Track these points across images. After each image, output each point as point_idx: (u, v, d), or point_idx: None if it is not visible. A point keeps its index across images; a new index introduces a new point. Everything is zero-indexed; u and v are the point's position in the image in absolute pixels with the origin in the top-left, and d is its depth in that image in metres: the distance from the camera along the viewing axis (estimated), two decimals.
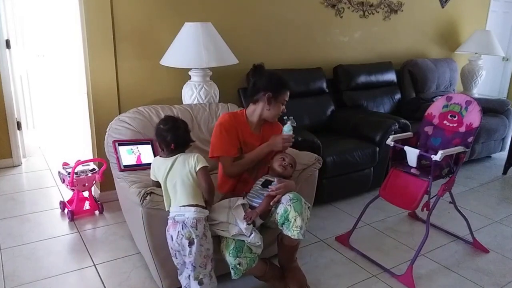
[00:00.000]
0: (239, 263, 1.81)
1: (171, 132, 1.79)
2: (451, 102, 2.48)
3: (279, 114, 2.12)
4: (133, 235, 2.41)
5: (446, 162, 2.36)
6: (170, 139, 1.79)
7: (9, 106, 3.58)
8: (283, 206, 1.89)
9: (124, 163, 2.19)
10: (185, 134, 1.84)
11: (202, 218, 1.76)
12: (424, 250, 2.45)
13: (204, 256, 1.77)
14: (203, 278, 1.79)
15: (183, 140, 1.84)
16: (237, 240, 1.83)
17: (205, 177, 1.80)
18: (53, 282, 2.13)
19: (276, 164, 2.02)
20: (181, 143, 1.83)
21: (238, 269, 1.81)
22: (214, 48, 2.66)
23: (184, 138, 1.84)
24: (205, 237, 1.76)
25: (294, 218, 1.85)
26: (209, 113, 2.65)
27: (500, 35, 5.32)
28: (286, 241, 1.99)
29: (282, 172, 2.01)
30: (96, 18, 2.70)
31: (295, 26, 3.62)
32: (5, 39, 3.48)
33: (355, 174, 3.19)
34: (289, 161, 2.04)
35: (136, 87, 2.97)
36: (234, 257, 1.80)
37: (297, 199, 1.90)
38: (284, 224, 1.89)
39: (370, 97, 3.93)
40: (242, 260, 1.81)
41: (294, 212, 1.86)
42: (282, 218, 1.89)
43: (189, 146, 1.87)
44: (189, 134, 1.87)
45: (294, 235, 1.86)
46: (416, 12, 4.44)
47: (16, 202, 3.03)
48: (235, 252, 1.80)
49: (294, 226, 1.86)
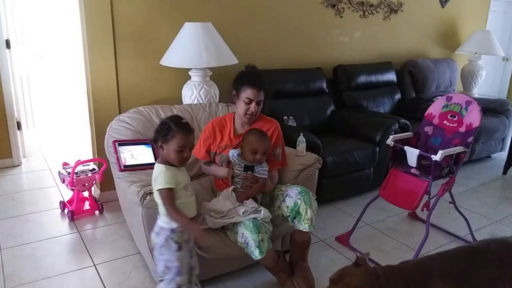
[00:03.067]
0: (262, 239, 1.83)
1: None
2: (451, 102, 2.49)
3: (246, 113, 2.09)
4: (133, 235, 2.41)
5: (446, 162, 2.36)
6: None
7: (9, 106, 3.58)
8: (293, 200, 1.92)
9: (124, 163, 2.19)
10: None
11: (166, 229, 1.69)
12: (424, 250, 2.45)
13: (164, 266, 1.72)
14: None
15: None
16: (253, 219, 1.86)
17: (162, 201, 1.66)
18: (53, 282, 2.13)
19: (248, 156, 1.99)
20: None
21: (262, 246, 1.83)
22: (214, 48, 2.66)
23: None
24: (164, 248, 1.70)
25: (305, 210, 1.90)
26: (209, 113, 2.65)
27: (500, 35, 5.32)
28: (297, 237, 2.01)
29: (254, 162, 2.00)
30: (96, 18, 2.70)
31: (295, 26, 3.62)
32: (5, 39, 3.48)
33: (355, 174, 3.19)
34: (260, 154, 1.98)
35: (136, 87, 2.97)
36: (257, 234, 1.82)
37: (305, 192, 1.94)
38: (295, 218, 1.93)
39: (370, 97, 3.93)
40: (264, 235, 1.84)
41: (304, 204, 1.90)
42: (293, 212, 1.92)
43: (158, 149, 1.72)
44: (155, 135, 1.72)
45: (306, 228, 1.90)
46: (416, 12, 4.44)
47: (16, 202, 3.03)
48: (256, 229, 1.83)
49: (306, 219, 1.90)
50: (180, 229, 1.67)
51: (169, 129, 1.64)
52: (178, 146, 1.63)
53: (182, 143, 1.63)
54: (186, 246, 1.71)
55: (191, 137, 1.68)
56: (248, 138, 1.98)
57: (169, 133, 1.64)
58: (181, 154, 1.65)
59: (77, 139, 4.15)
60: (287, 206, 1.95)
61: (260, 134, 2.00)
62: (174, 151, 1.64)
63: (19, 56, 3.73)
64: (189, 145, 1.68)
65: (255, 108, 2.07)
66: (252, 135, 1.99)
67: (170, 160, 1.67)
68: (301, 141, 2.45)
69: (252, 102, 2.06)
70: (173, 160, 1.66)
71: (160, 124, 1.71)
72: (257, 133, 2.00)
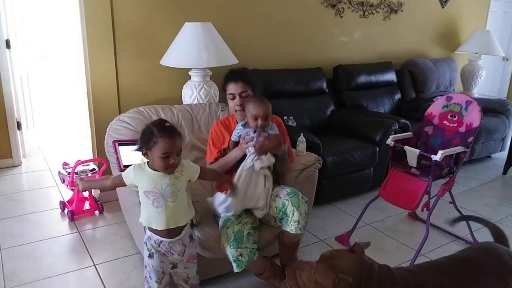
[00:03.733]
0: (240, 254, 1.81)
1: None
2: (451, 102, 2.48)
3: (235, 109, 2.09)
4: (133, 235, 2.41)
5: (446, 162, 2.36)
6: None
7: (9, 106, 3.58)
8: (281, 201, 1.90)
9: (124, 163, 2.19)
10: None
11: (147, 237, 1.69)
12: (424, 250, 2.45)
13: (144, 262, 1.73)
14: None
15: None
16: (236, 232, 1.83)
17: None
18: (53, 282, 2.13)
19: (252, 123, 1.95)
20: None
21: (240, 261, 1.81)
22: (214, 48, 2.66)
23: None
24: (144, 245, 1.71)
25: (292, 212, 1.86)
26: (209, 113, 2.65)
27: (500, 35, 5.32)
28: (286, 238, 1.99)
29: (258, 128, 1.95)
30: (96, 18, 2.70)
31: (295, 26, 3.62)
32: (5, 39, 3.48)
33: (355, 174, 3.19)
34: (262, 118, 1.92)
35: (136, 87, 2.97)
36: (235, 249, 1.80)
37: (294, 193, 1.91)
38: (282, 219, 1.90)
39: (370, 97, 3.93)
40: (243, 251, 1.81)
41: (291, 206, 1.87)
42: (280, 212, 1.90)
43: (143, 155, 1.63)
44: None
45: (292, 229, 1.87)
46: (416, 12, 4.44)
47: (16, 202, 3.03)
48: (236, 243, 1.81)
49: (292, 221, 1.86)
50: (155, 240, 1.64)
51: (151, 134, 1.52)
52: (162, 153, 1.50)
53: (166, 148, 1.50)
54: (161, 257, 1.67)
55: (176, 141, 1.54)
56: (248, 106, 1.96)
57: (152, 139, 1.51)
58: (167, 161, 1.52)
59: (77, 139, 4.15)
60: (276, 206, 1.93)
61: (258, 99, 1.96)
62: (158, 158, 1.51)
63: (19, 56, 3.72)
64: (175, 151, 1.54)
65: (240, 101, 2.06)
66: (250, 102, 1.96)
67: (156, 168, 1.55)
68: (301, 141, 2.46)
69: (235, 96, 2.08)
70: (159, 168, 1.54)
71: (142, 130, 1.60)
72: (254, 99, 1.97)
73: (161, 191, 1.57)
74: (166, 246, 1.65)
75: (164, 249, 1.66)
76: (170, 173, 1.57)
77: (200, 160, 2.49)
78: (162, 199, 1.58)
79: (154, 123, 1.59)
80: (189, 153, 2.47)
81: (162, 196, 1.57)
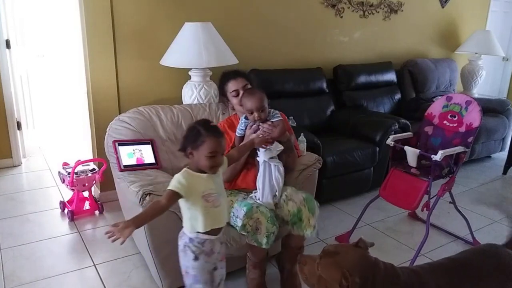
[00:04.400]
0: (273, 232, 1.83)
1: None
2: (451, 102, 2.49)
3: (241, 104, 2.03)
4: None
5: (446, 162, 2.36)
6: None
7: (9, 106, 3.58)
8: (296, 206, 1.89)
9: (124, 163, 2.19)
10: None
11: (186, 236, 1.65)
12: (424, 250, 2.45)
13: (183, 270, 1.69)
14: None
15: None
16: (269, 210, 1.86)
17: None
18: (53, 282, 2.13)
19: (251, 118, 1.96)
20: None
21: (270, 238, 1.82)
22: (214, 48, 2.66)
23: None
24: (183, 253, 1.66)
25: (308, 218, 1.87)
26: (209, 113, 2.65)
27: (500, 35, 5.31)
28: (293, 242, 1.99)
29: (257, 121, 1.96)
30: (96, 18, 2.70)
31: (295, 26, 3.62)
32: (5, 39, 3.48)
33: (355, 174, 3.19)
34: (258, 111, 1.92)
35: (136, 87, 2.96)
36: (272, 224, 1.82)
37: (310, 199, 1.93)
38: (295, 223, 1.89)
39: (370, 97, 3.93)
40: (275, 229, 1.84)
41: (308, 213, 1.88)
42: (295, 217, 1.89)
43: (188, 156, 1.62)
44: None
45: (308, 234, 1.87)
46: (416, 12, 4.44)
47: (16, 202, 3.03)
48: (272, 220, 1.83)
49: (308, 226, 1.87)
50: (199, 240, 1.60)
51: (198, 134, 1.54)
52: (209, 152, 1.52)
53: (213, 147, 1.52)
54: (205, 258, 1.63)
55: (222, 141, 1.57)
56: (243, 102, 1.96)
57: (199, 138, 1.53)
58: (213, 160, 1.54)
59: (77, 139, 4.14)
60: (289, 210, 1.91)
61: (249, 92, 1.96)
62: (205, 157, 1.53)
63: (19, 56, 3.73)
64: (221, 150, 1.57)
65: (257, 113, 2.00)
66: (243, 97, 1.96)
67: (201, 167, 1.56)
68: (302, 141, 2.46)
69: (239, 91, 2.08)
70: (205, 166, 1.55)
71: (187, 130, 1.61)
72: (246, 93, 1.97)
73: (217, 190, 1.60)
74: (209, 244, 1.63)
75: (207, 249, 1.63)
76: (215, 172, 1.59)
77: None
78: (219, 196, 1.61)
79: (200, 123, 1.60)
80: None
81: (219, 194, 1.61)
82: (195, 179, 1.56)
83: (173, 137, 2.45)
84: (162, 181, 1.96)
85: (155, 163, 2.25)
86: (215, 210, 1.59)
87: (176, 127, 2.48)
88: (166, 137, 2.42)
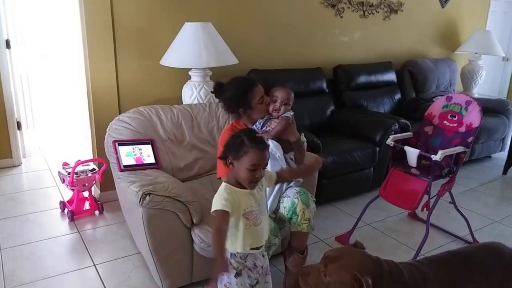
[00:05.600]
0: (274, 244, 1.85)
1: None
2: (451, 102, 2.49)
3: (275, 109, 1.98)
4: (133, 235, 2.41)
5: (446, 162, 2.36)
6: None
7: (9, 106, 3.58)
8: (290, 200, 1.90)
9: (124, 163, 2.19)
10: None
11: (228, 251, 1.58)
12: (424, 250, 2.45)
13: (223, 285, 1.62)
14: None
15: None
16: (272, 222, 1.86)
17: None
18: (53, 282, 2.13)
19: (271, 106, 1.99)
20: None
21: (271, 249, 1.85)
22: (214, 48, 2.66)
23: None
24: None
25: (302, 210, 1.86)
26: (209, 113, 2.65)
27: (500, 35, 5.31)
28: (295, 242, 1.98)
29: (274, 112, 1.99)
30: (96, 18, 2.70)
31: (295, 26, 3.62)
32: (5, 39, 3.48)
33: (355, 174, 3.19)
34: (280, 102, 1.96)
35: (136, 87, 2.96)
36: (274, 236, 1.84)
37: (303, 192, 1.92)
38: (292, 218, 1.89)
39: (370, 97, 3.93)
40: (277, 241, 1.87)
41: (302, 204, 1.87)
42: (290, 212, 1.89)
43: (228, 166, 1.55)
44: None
45: (304, 228, 1.87)
46: (416, 12, 4.44)
47: (16, 202, 3.03)
48: (275, 231, 1.85)
49: (303, 219, 1.87)
50: (241, 255, 1.55)
51: (242, 143, 1.46)
52: (251, 164, 1.44)
53: (256, 160, 1.44)
54: (248, 272, 1.57)
55: (266, 154, 1.49)
56: (271, 91, 2.00)
57: (242, 149, 1.46)
58: (253, 174, 1.46)
59: (77, 139, 4.15)
60: (284, 206, 1.92)
61: (282, 85, 2.03)
62: (246, 169, 1.45)
63: (19, 56, 3.73)
64: (264, 164, 1.49)
65: (280, 103, 1.99)
66: (275, 88, 2.01)
67: (239, 179, 1.49)
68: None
69: (264, 97, 2.00)
70: (244, 179, 1.47)
71: (231, 138, 1.54)
72: (279, 86, 2.03)
73: (258, 208, 1.54)
74: (252, 258, 1.59)
75: (250, 263, 1.59)
76: (253, 188, 1.51)
77: (200, 160, 2.49)
78: (260, 214, 1.54)
79: (245, 132, 1.54)
80: (188, 153, 2.47)
81: (260, 212, 1.54)
82: (238, 195, 1.49)
83: (173, 137, 2.45)
84: (162, 181, 1.96)
85: (155, 163, 2.25)
86: (255, 228, 1.53)
87: (176, 127, 2.48)
88: (166, 137, 2.42)
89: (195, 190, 2.23)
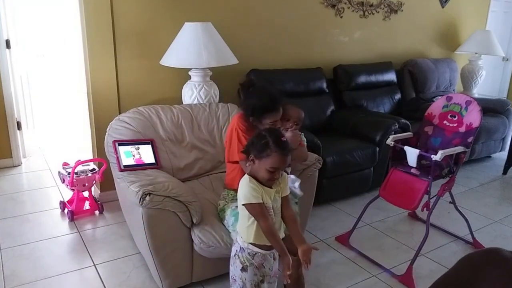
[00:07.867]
0: None
1: None
2: (451, 102, 2.48)
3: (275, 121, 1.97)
4: (133, 235, 2.41)
5: (446, 162, 2.36)
6: None
7: (9, 106, 3.58)
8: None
9: (124, 163, 2.19)
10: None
11: (237, 244, 1.64)
12: (424, 250, 2.45)
13: (231, 276, 1.67)
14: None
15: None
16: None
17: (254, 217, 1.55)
18: (53, 282, 2.13)
19: (284, 125, 2.01)
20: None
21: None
22: (214, 48, 2.66)
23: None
24: (232, 260, 1.67)
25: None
26: (209, 113, 2.65)
27: (500, 35, 5.31)
28: (288, 243, 1.98)
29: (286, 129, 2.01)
30: (96, 18, 2.70)
31: (295, 26, 3.62)
32: (5, 39, 3.48)
33: (355, 174, 3.19)
34: (292, 122, 2.01)
35: (136, 87, 2.97)
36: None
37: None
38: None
39: (370, 97, 3.93)
40: None
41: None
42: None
43: (248, 161, 1.58)
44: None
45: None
46: (416, 12, 4.44)
47: (16, 202, 3.03)
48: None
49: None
50: (250, 251, 1.58)
51: (266, 145, 1.49)
52: (272, 167, 1.48)
53: (277, 164, 1.48)
54: (254, 270, 1.60)
55: (287, 159, 1.52)
56: (285, 109, 1.99)
57: (266, 150, 1.49)
58: (272, 175, 1.50)
59: (77, 139, 4.15)
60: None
61: (295, 106, 2.06)
62: (266, 170, 1.49)
63: (19, 56, 3.73)
64: (284, 167, 1.54)
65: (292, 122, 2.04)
66: (288, 106, 2.02)
67: (258, 177, 1.53)
68: None
69: (278, 122, 1.99)
70: (262, 178, 1.52)
71: (257, 136, 1.56)
72: (291, 105, 2.04)
73: (274, 206, 1.57)
74: (260, 258, 1.60)
75: (257, 262, 1.60)
76: (270, 186, 1.56)
77: (200, 160, 2.49)
78: (274, 215, 1.57)
79: (271, 134, 1.54)
80: (188, 153, 2.47)
81: (274, 212, 1.57)
82: (260, 188, 1.53)
83: (173, 137, 2.45)
84: (162, 181, 1.96)
85: (155, 163, 2.25)
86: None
87: (176, 127, 2.48)
88: (166, 137, 2.42)
89: (195, 190, 2.23)
